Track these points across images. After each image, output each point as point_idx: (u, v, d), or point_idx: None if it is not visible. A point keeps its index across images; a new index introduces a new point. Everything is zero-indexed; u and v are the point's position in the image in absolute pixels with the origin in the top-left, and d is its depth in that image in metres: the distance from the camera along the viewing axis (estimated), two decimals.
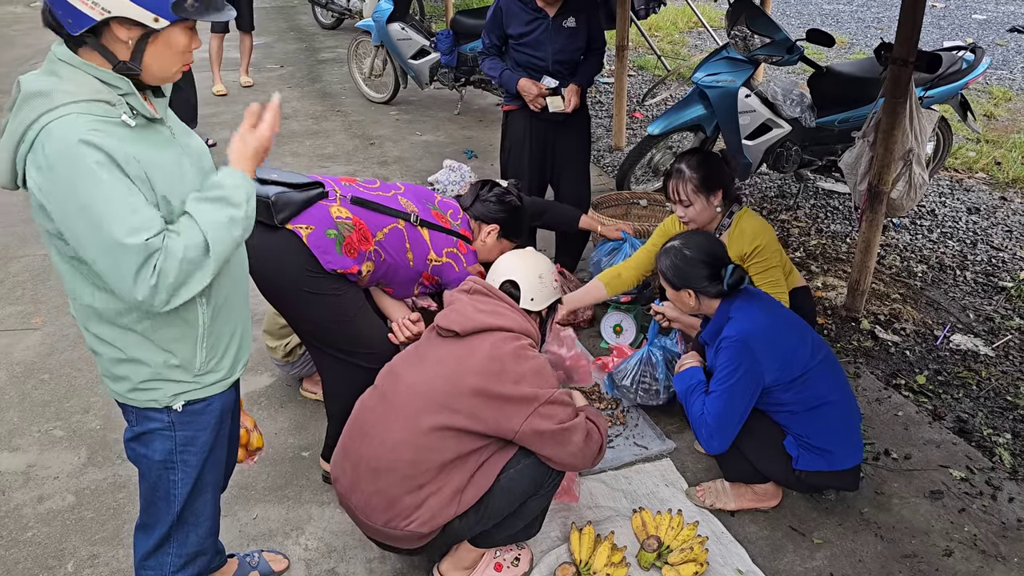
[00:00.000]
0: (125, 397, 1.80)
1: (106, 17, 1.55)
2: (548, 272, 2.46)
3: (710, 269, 2.52)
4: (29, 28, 10.92)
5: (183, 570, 1.99)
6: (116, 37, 1.60)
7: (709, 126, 4.83)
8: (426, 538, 2.17)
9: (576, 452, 2.20)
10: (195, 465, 1.89)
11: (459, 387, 2.13)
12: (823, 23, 11.06)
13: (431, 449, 2.11)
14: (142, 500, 1.95)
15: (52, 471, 2.91)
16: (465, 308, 2.27)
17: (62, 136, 1.52)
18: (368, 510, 2.17)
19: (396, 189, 2.75)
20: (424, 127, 6.99)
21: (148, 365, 1.75)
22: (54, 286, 4.21)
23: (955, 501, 2.81)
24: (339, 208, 2.53)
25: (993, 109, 7.30)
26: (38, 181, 1.55)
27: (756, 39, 4.60)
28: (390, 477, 2.12)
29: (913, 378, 3.57)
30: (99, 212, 1.52)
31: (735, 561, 2.52)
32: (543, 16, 3.70)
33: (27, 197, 1.63)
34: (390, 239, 2.58)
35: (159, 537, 1.94)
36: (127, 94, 1.63)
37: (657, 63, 8.75)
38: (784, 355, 2.48)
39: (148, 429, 1.82)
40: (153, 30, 1.60)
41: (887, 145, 3.67)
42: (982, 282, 4.46)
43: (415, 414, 2.13)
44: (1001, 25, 10.85)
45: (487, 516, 2.21)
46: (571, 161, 4.01)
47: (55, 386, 3.40)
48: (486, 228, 2.85)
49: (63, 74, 1.60)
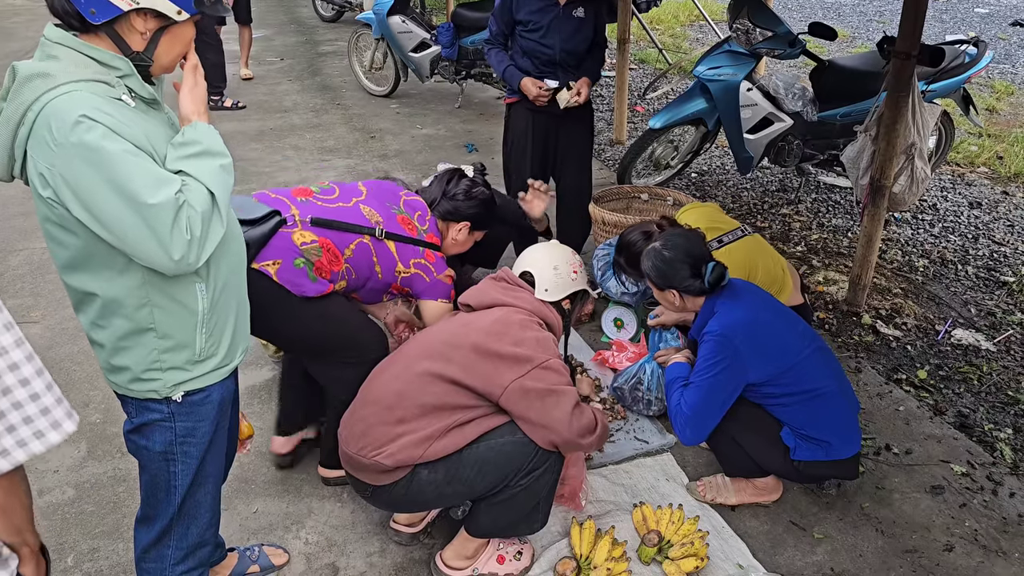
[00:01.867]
0: (125, 388, 1.79)
1: (132, 8, 1.57)
2: (565, 264, 2.50)
3: (691, 268, 2.53)
4: (28, 20, 10.89)
5: (184, 562, 1.98)
6: (133, 27, 1.61)
7: (710, 120, 4.81)
8: (390, 475, 2.20)
9: (562, 418, 2.18)
10: (195, 456, 1.89)
11: (460, 340, 2.25)
12: (825, 16, 11.03)
13: (419, 389, 2.20)
14: (143, 492, 1.95)
15: (52, 465, 2.91)
16: (484, 287, 2.44)
17: (69, 110, 1.49)
18: (348, 438, 2.27)
19: (357, 195, 2.62)
20: (425, 120, 6.97)
21: (148, 354, 1.74)
22: (53, 280, 4.20)
23: (956, 496, 2.81)
24: (301, 233, 2.43)
25: (995, 103, 7.28)
26: (48, 161, 1.51)
27: (758, 32, 4.58)
28: (375, 407, 2.23)
29: (914, 373, 3.56)
30: (120, 179, 1.50)
31: (736, 556, 2.52)
32: (553, 4, 3.68)
33: (25, 190, 1.61)
34: (357, 255, 2.52)
35: (160, 529, 1.93)
36: (126, 75, 1.63)
37: (658, 57, 8.73)
38: (770, 347, 2.48)
39: (148, 420, 1.81)
40: (173, 23, 1.64)
41: (889, 139, 3.66)
42: (983, 277, 4.45)
43: (415, 357, 2.28)
44: (1003, 19, 10.82)
45: (456, 481, 2.21)
46: (573, 154, 4.00)
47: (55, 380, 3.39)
48: (455, 227, 2.79)
49: (62, 56, 1.58)
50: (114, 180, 1.50)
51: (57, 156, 1.50)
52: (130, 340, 1.72)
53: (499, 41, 3.90)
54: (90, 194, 1.51)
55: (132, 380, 1.76)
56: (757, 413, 2.58)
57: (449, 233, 2.81)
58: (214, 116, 4.68)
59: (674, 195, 4.27)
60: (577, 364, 3.47)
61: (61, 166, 1.51)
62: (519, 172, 3.99)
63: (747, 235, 3.22)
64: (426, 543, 2.56)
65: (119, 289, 1.67)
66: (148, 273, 1.66)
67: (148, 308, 1.70)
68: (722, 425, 2.58)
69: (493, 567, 2.43)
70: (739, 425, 2.58)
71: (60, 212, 1.57)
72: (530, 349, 2.21)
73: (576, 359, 3.51)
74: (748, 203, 5.39)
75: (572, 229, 4.17)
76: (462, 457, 2.20)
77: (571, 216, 4.15)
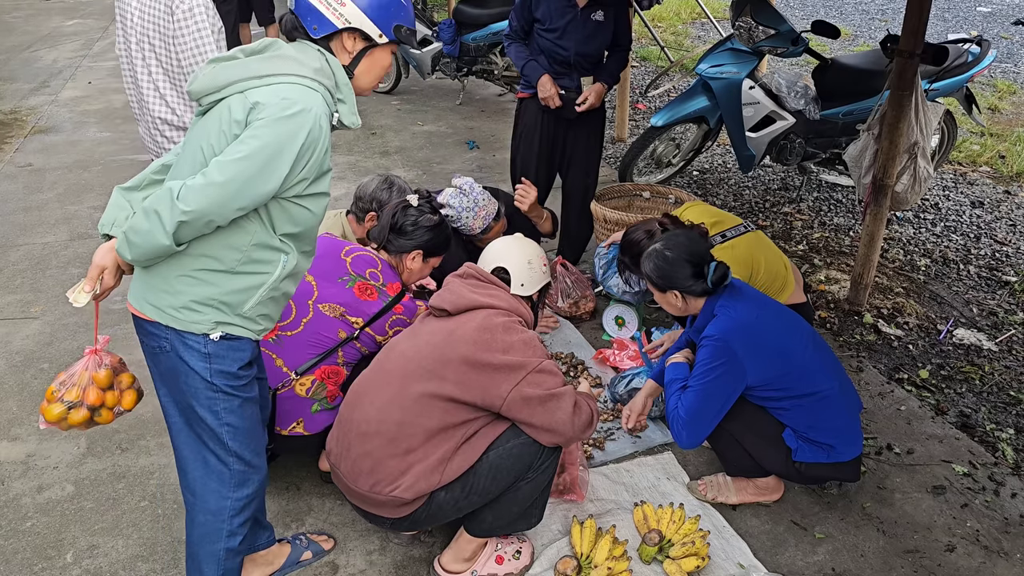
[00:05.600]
0: (169, 315, 1.87)
1: (344, 27, 1.89)
2: (537, 258, 2.46)
3: (693, 268, 2.50)
4: (29, 15, 10.88)
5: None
6: (342, 46, 1.94)
7: (712, 118, 4.80)
8: (410, 506, 2.18)
9: (565, 420, 2.19)
10: (234, 394, 1.98)
11: (448, 355, 2.17)
12: (827, 15, 11.01)
13: (419, 414, 2.14)
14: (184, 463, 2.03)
15: (51, 461, 2.90)
16: (457, 288, 2.32)
17: (309, 101, 1.78)
18: (355, 475, 2.20)
19: (309, 295, 2.55)
20: (426, 117, 6.96)
21: (209, 290, 1.86)
22: (53, 275, 4.20)
23: (958, 496, 2.80)
24: (300, 383, 2.52)
25: (998, 102, 7.27)
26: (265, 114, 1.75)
27: (760, 30, 4.57)
28: (378, 439, 2.16)
29: (916, 372, 3.56)
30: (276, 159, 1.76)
31: (736, 555, 2.51)
32: (572, 6, 3.65)
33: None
34: (348, 355, 2.59)
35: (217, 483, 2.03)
36: (340, 100, 1.91)
37: (660, 54, 8.70)
38: (769, 351, 2.46)
39: (186, 353, 1.90)
40: (374, 44, 1.95)
41: (892, 138, 3.65)
42: (985, 276, 4.44)
43: (405, 378, 2.18)
44: (1006, 18, 10.79)
45: (474, 493, 2.20)
46: (581, 154, 3.98)
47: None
48: (408, 257, 2.76)
49: (318, 73, 1.86)
50: (278, 155, 1.82)
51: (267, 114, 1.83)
52: (205, 276, 1.86)
53: (519, 36, 3.85)
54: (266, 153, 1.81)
55: (181, 308, 1.87)
56: (759, 414, 2.57)
57: (404, 265, 2.77)
58: None
59: (676, 193, 4.27)
60: (578, 362, 3.47)
61: (261, 125, 1.82)
62: (525, 168, 3.99)
63: (750, 231, 3.21)
64: (426, 541, 2.56)
65: (254, 236, 1.87)
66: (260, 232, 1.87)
67: (240, 255, 1.87)
68: (724, 425, 2.57)
69: (492, 568, 2.42)
70: (741, 426, 2.57)
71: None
72: (520, 354, 2.17)
73: (577, 357, 3.51)
74: (750, 201, 5.37)
75: (576, 228, 4.16)
76: (476, 470, 2.18)
77: (575, 216, 4.14)
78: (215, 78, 1.83)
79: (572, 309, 3.81)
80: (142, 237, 1.76)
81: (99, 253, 1.92)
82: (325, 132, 1.83)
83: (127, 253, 1.81)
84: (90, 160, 5.80)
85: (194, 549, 2.10)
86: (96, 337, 2.10)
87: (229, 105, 1.80)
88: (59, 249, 4.49)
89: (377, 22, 1.91)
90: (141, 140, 3.45)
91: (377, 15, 1.91)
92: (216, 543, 2.07)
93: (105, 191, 5.25)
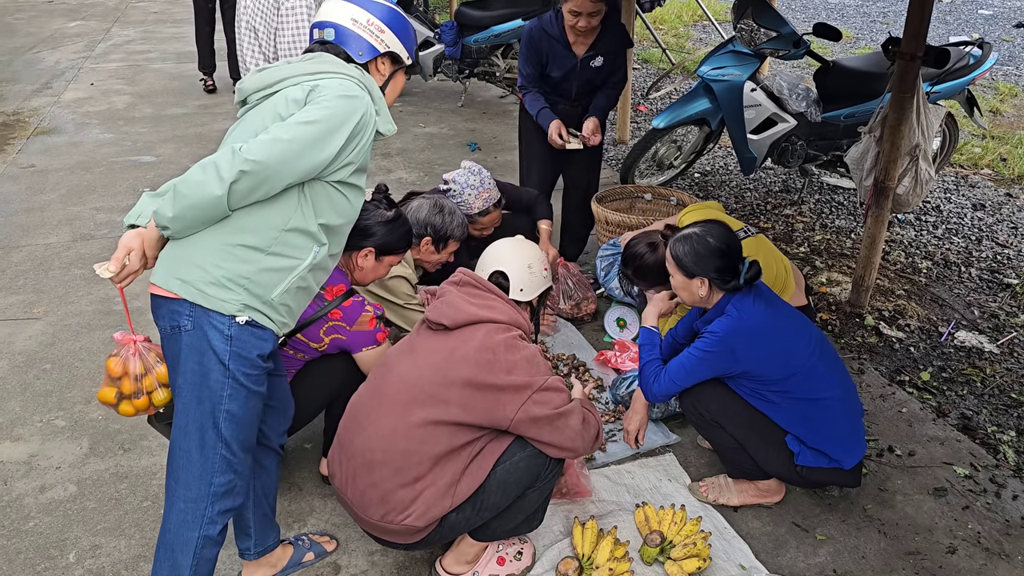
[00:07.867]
0: (199, 290, 1.87)
1: (384, 51, 2.16)
2: (537, 261, 2.43)
3: (727, 261, 2.48)
4: (31, 16, 10.90)
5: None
6: (376, 69, 2.20)
7: (714, 120, 4.81)
8: (423, 532, 2.17)
9: (575, 436, 2.19)
10: (244, 383, 1.96)
11: (450, 378, 2.12)
12: (829, 17, 11.02)
13: (424, 441, 2.10)
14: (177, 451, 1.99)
15: (54, 461, 2.91)
16: (455, 300, 2.25)
17: (363, 92, 2.01)
18: (364, 504, 2.17)
19: None
20: (428, 119, 6.97)
21: (241, 267, 1.89)
22: (56, 276, 4.21)
23: (959, 498, 2.80)
24: None
25: (999, 105, 7.27)
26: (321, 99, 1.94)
27: (762, 33, 4.57)
28: (384, 470, 2.12)
29: (917, 375, 3.56)
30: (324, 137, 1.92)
31: (738, 557, 2.52)
32: (572, 56, 3.75)
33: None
34: (286, 363, 2.51)
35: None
36: (377, 112, 2.07)
37: (662, 56, 8.72)
38: (771, 354, 2.46)
39: (209, 331, 1.89)
40: (402, 66, 2.24)
41: (893, 141, 3.65)
42: (987, 279, 4.44)
43: (406, 405, 2.13)
44: (1007, 20, 10.80)
45: (484, 509, 2.20)
46: (582, 151, 4.02)
47: (57, 376, 3.40)
48: (359, 255, 2.57)
49: (362, 78, 2.08)
50: (330, 133, 1.99)
51: (326, 97, 2.03)
52: (240, 253, 1.90)
53: (533, 84, 3.91)
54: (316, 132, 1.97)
55: (210, 283, 1.88)
56: (762, 418, 2.57)
57: (355, 263, 2.59)
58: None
59: (677, 195, 4.28)
60: (579, 364, 3.47)
61: (317, 107, 2.01)
62: (529, 166, 4.10)
63: (751, 235, 3.21)
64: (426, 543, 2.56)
65: (291, 220, 1.95)
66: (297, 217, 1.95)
67: (276, 234, 1.92)
68: (727, 428, 2.58)
69: (494, 569, 2.42)
70: (744, 429, 2.57)
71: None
72: (524, 374, 2.14)
73: (578, 358, 3.51)
74: (751, 204, 5.38)
75: (576, 223, 4.25)
76: (485, 487, 2.17)
77: (575, 211, 4.22)
78: (266, 77, 2.04)
79: (573, 310, 3.81)
80: (193, 188, 1.81)
81: (127, 236, 1.93)
82: (373, 123, 2.03)
83: (169, 209, 1.83)
84: (92, 161, 5.81)
85: (170, 537, 2.00)
86: (131, 327, 2.12)
87: (285, 94, 1.98)
88: (61, 250, 4.50)
89: (406, 47, 2.22)
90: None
91: (404, 41, 2.22)
92: (194, 530, 1.99)
93: (107, 192, 5.26)
